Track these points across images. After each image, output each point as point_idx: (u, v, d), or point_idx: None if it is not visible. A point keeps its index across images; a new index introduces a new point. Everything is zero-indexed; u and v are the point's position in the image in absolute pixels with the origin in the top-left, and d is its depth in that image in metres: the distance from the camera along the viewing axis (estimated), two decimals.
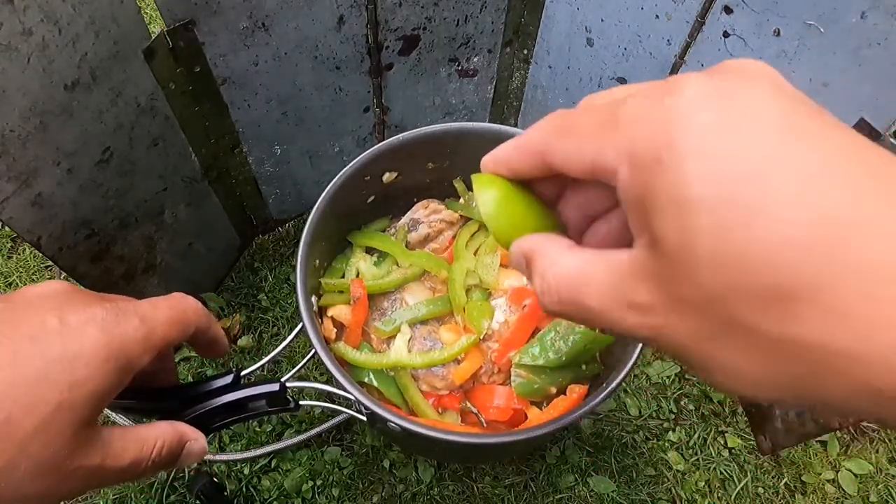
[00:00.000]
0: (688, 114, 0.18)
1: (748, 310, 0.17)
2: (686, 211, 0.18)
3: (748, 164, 0.17)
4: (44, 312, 0.31)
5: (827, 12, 0.60)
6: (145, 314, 0.35)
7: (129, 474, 0.35)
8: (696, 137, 0.18)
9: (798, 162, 0.17)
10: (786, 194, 0.17)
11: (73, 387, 0.30)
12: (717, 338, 0.19)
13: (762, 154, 0.17)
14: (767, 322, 0.17)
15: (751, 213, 0.17)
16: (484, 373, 0.69)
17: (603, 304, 0.21)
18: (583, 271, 0.22)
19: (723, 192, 0.17)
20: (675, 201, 0.18)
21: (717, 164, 0.17)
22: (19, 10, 0.49)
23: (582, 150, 0.21)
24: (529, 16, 0.90)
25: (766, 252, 0.17)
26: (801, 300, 0.16)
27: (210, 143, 0.81)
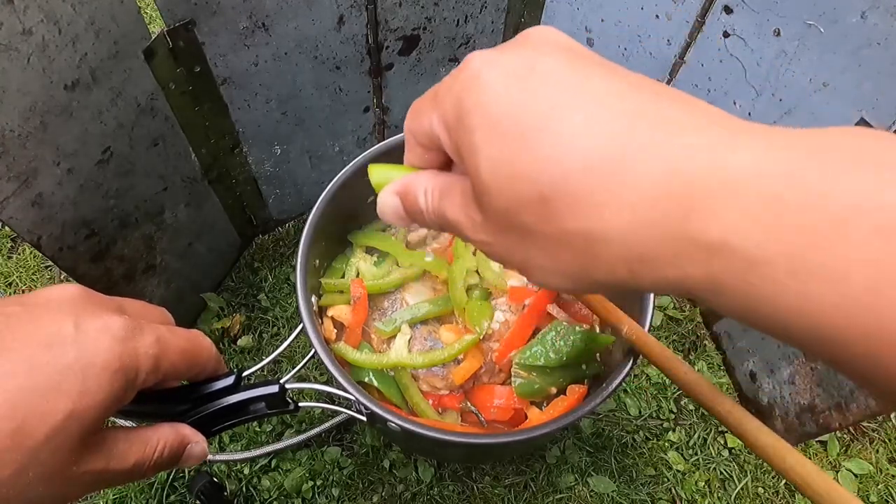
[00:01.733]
0: (470, 79, 0.24)
1: (527, 216, 0.22)
2: (474, 151, 0.23)
3: (512, 108, 0.22)
4: (60, 318, 0.31)
5: (827, 12, 0.60)
6: (162, 336, 0.35)
7: (132, 476, 0.35)
8: (476, 95, 0.23)
9: (547, 103, 0.22)
10: (535, 126, 0.22)
11: (84, 395, 0.30)
12: (520, 243, 0.24)
13: (526, 98, 0.22)
14: (542, 223, 0.22)
15: (516, 142, 0.22)
16: (484, 373, 0.69)
17: (457, 217, 0.26)
18: (445, 187, 0.27)
19: (495, 132, 0.22)
20: (469, 146, 0.23)
21: (490, 112, 0.23)
22: (19, 10, 0.49)
23: (422, 125, 0.27)
24: (529, 16, 0.90)
25: (530, 171, 0.22)
26: (558, 201, 0.21)
27: (210, 143, 0.81)
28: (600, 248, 0.21)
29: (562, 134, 0.21)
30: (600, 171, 0.20)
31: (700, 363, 0.99)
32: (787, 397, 0.83)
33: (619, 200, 0.20)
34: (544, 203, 0.22)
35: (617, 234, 0.21)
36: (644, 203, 0.20)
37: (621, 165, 0.20)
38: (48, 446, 0.29)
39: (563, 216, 0.21)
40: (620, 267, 0.21)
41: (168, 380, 0.37)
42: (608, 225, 0.21)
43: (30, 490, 0.29)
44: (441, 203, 0.27)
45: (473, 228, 0.26)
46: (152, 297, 0.84)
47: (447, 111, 0.25)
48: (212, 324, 0.98)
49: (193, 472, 0.87)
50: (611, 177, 0.20)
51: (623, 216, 0.20)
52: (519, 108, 0.22)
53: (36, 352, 0.30)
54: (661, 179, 0.20)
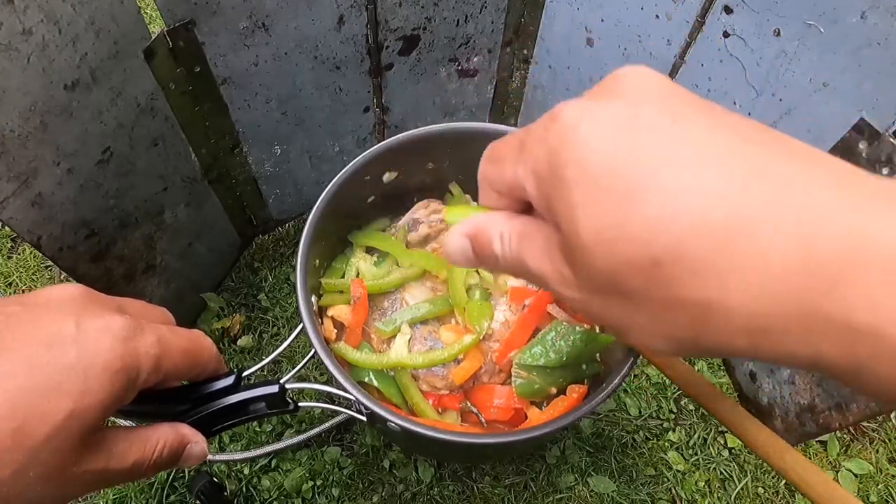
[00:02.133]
0: (566, 130, 0.22)
1: (635, 280, 0.21)
2: (572, 208, 0.22)
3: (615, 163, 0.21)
4: (61, 318, 0.31)
5: (827, 12, 0.60)
6: (163, 336, 0.35)
7: (131, 475, 0.35)
8: (573, 148, 0.22)
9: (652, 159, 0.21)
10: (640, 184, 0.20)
11: (84, 395, 0.30)
12: (620, 305, 0.22)
13: (628, 153, 0.21)
14: (652, 289, 0.21)
15: (621, 202, 0.21)
16: (484, 372, 0.69)
17: (541, 268, 0.25)
18: (525, 234, 0.26)
19: (597, 188, 0.21)
20: (566, 202, 0.22)
21: (590, 167, 0.21)
22: (19, 10, 0.49)
23: (504, 174, 0.26)
24: (529, 16, 0.90)
25: (639, 233, 0.20)
26: (672, 266, 0.20)
27: (210, 143, 0.81)
28: (719, 317, 0.20)
29: (674, 193, 0.20)
30: (721, 236, 0.19)
31: (700, 363, 0.99)
32: (787, 397, 0.83)
33: (745, 270, 0.19)
34: (656, 268, 0.20)
35: (740, 305, 0.19)
36: (774, 274, 0.19)
37: (745, 230, 0.19)
38: (49, 446, 0.29)
39: (678, 283, 0.20)
40: (740, 337, 0.20)
41: (169, 380, 0.37)
42: (731, 296, 0.19)
43: (30, 490, 0.29)
44: (521, 250, 0.26)
45: (563, 283, 0.24)
46: (152, 297, 0.84)
47: (539, 163, 0.23)
48: (212, 324, 0.98)
49: (193, 472, 0.87)
50: (733, 243, 0.19)
51: (749, 287, 0.19)
52: (623, 163, 0.21)
53: (37, 351, 0.30)
54: (793, 249, 0.18)
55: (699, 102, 0.23)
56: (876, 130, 0.60)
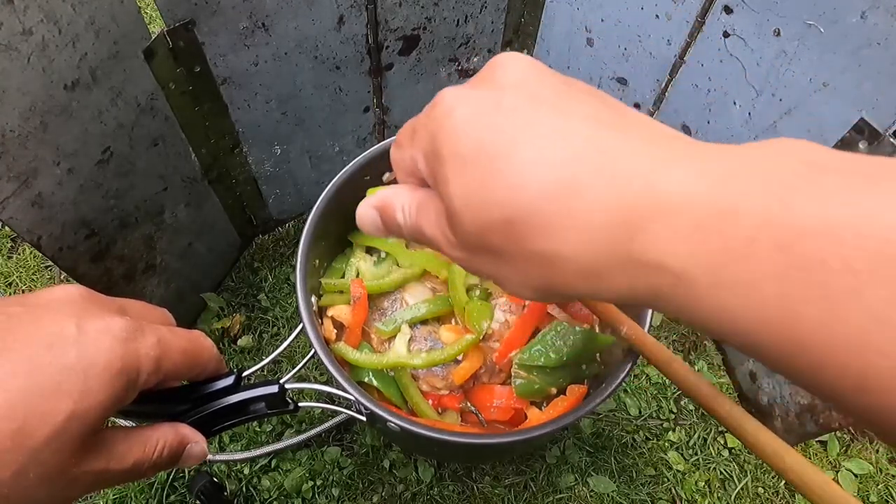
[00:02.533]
0: (443, 116, 0.26)
1: (495, 238, 0.25)
2: (447, 181, 0.25)
3: (478, 142, 0.25)
4: (62, 319, 0.31)
5: (827, 12, 0.60)
6: (163, 337, 0.35)
7: (131, 476, 0.35)
8: (447, 131, 0.26)
9: (508, 136, 0.24)
10: (498, 158, 0.24)
11: (85, 396, 0.30)
12: (490, 261, 0.26)
13: (490, 132, 0.24)
14: (509, 244, 0.25)
15: (483, 173, 0.24)
16: (484, 372, 0.69)
17: (433, 234, 0.28)
18: (421, 204, 0.29)
19: (464, 163, 0.25)
20: (442, 177, 0.26)
21: (459, 146, 0.25)
22: (19, 10, 0.49)
23: (404, 158, 0.30)
24: (529, 16, 0.90)
25: (495, 197, 0.24)
26: (523, 224, 0.24)
27: (210, 143, 0.81)
28: (560, 265, 0.24)
29: (523, 163, 0.24)
30: (556, 196, 0.23)
31: (700, 363, 0.99)
32: (787, 397, 0.83)
33: (574, 224, 0.23)
34: (509, 226, 0.24)
35: (573, 253, 0.23)
36: (595, 226, 0.23)
37: (573, 191, 0.23)
38: (49, 447, 0.29)
39: (527, 238, 0.24)
40: (580, 281, 0.24)
41: (169, 380, 0.37)
42: (566, 246, 0.23)
43: (30, 491, 0.29)
44: (418, 219, 0.29)
45: (448, 245, 0.28)
46: (152, 297, 0.84)
47: (425, 146, 0.27)
48: (212, 324, 0.98)
49: (193, 472, 0.87)
50: (565, 202, 0.23)
51: (579, 238, 0.23)
52: (485, 142, 0.25)
53: (37, 352, 0.30)
54: (607, 204, 0.22)
55: (559, 87, 0.26)
56: (876, 130, 0.60)
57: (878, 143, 0.60)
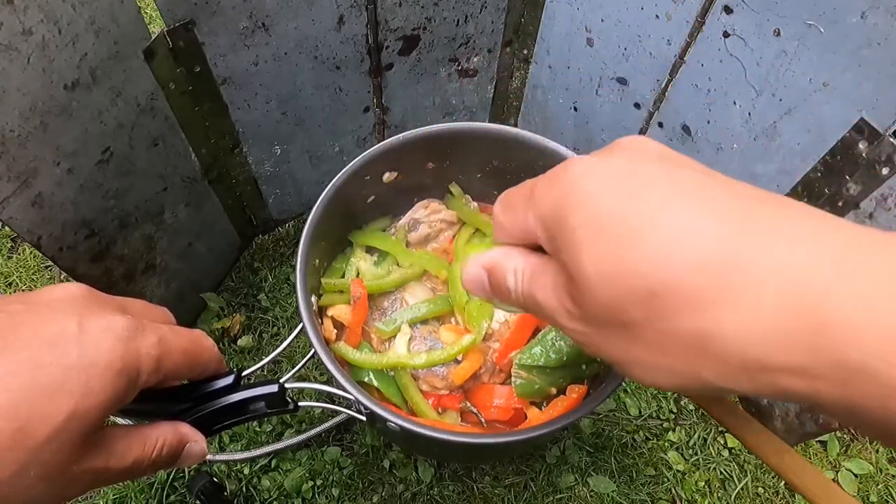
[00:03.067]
0: (572, 182, 0.24)
1: (634, 312, 0.22)
2: (577, 247, 0.24)
3: (616, 207, 0.23)
4: (63, 317, 0.31)
5: (827, 12, 0.60)
6: (164, 336, 0.35)
7: (131, 474, 0.35)
8: (577, 196, 0.24)
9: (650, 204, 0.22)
10: (640, 225, 0.22)
11: (86, 395, 0.30)
12: (621, 339, 0.24)
13: (628, 199, 0.23)
14: (651, 320, 0.22)
15: (621, 240, 0.22)
16: (484, 372, 0.69)
17: (549, 303, 0.27)
18: (536, 270, 0.28)
19: (599, 230, 0.23)
20: (570, 243, 0.24)
21: (593, 210, 0.23)
22: (19, 10, 0.49)
23: (516, 220, 0.28)
24: (529, 16, 0.90)
25: (638, 266, 0.22)
26: (670, 298, 0.21)
27: (210, 143, 0.81)
28: (715, 348, 0.21)
29: (670, 231, 0.21)
30: (716, 270, 0.20)
31: None
32: None
33: (739, 303, 0.20)
34: (654, 299, 0.21)
35: (734, 334, 0.20)
36: (767, 308, 0.20)
37: (737, 266, 0.20)
38: (50, 446, 0.29)
39: (675, 313, 0.21)
40: (738, 372, 0.21)
41: (169, 380, 0.37)
42: (725, 325, 0.20)
43: (31, 489, 0.29)
44: (531, 286, 0.28)
45: (569, 318, 0.26)
46: (152, 297, 0.84)
47: (546, 211, 0.25)
48: (212, 324, 0.98)
49: (193, 471, 0.87)
50: (727, 277, 0.20)
51: (743, 319, 0.20)
52: (623, 206, 0.23)
53: (40, 351, 0.30)
54: (784, 287, 0.19)
55: (694, 163, 0.25)
56: (876, 130, 0.60)
57: (878, 143, 0.60)
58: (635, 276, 0.22)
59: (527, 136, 0.69)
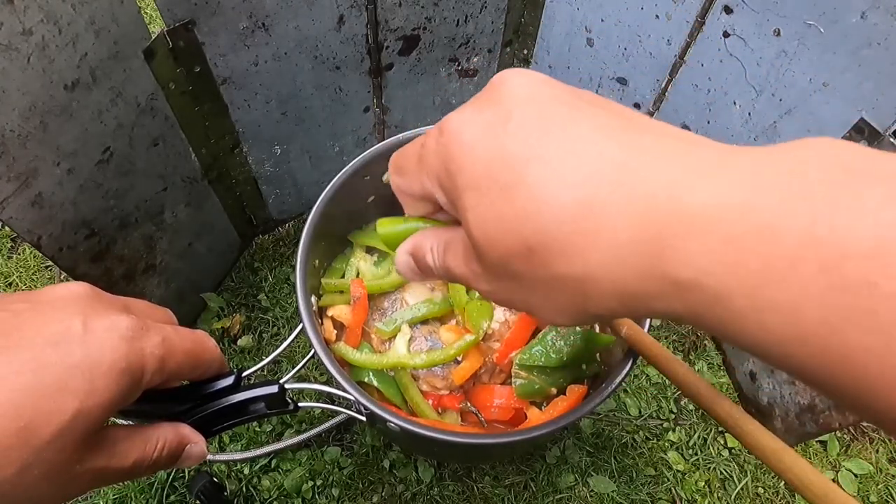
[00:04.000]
0: (452, 142, 0.25)
1: (518, 265, 0.24)
2: (465, 211, 0.25)
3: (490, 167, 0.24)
4: (68, 316, 0.31)
5: (827, 12, 0.60)
6: (168, 336, 0.35)
7: (131, 474, 0.35)
8: (459, 158, 0.25)
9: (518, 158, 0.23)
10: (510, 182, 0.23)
11: (90, 395, 0.30)
12: (518, 289, 0.25)
13: (500, 155, 0.24)
14: (533, 271, 0.24)
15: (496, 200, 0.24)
16: (484, 373, 0.69)
17: (461, 271, 0.28)
18: (448, 242, 0.29)
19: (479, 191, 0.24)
20: (461, 207, 0.25)
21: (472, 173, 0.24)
22: (19, 10, 0.49)
23: (412, 184, 0.29)
24: (529, 16, 0.90)
25: (512, 225, 0.23)
26: (544, 251, 0.23)
27: (210, 143, 0.81)
28: (590, 287, 0.23)
29: (536, 186, 0.23)
30: (575, 217, 0.22)
31: (700, 363, 0.99)
32: (787, 397, 0.83)
33: (597, 244, 0.22)
34: (531, 253, 0.23)
35: (603, 274, 0.22)
36: (620, 244, 0.21)
37: (593, 210, 0.22)
38: (53, 445, 0.29)
39: (550, 263, 0.23)
40: (614, 302, 0.23)
41: (171, 380, 0.37)
42: (593, 268, 0.22)
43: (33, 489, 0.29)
44: (445, 258, 0.29)
45: (476, 279, 0.27)
46: (152, 297, 0.84)
47: (439, 173, 0.27)
48: (212, 324, 0.98)
49: (193, 472, 0.87)
50: (585, 222, 0.22)
51: (605, 259, 0.22)
52: (495, 167, 0.24)
53: (44, 350, 0.30)
54: (630, 221, 0.21)
55: (566, 98, 0.25)
56: (876, 130, 0.60)
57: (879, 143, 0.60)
58: (511, 234, 0.23)
59: None
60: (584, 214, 0.22)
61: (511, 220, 0.23)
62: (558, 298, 0.24)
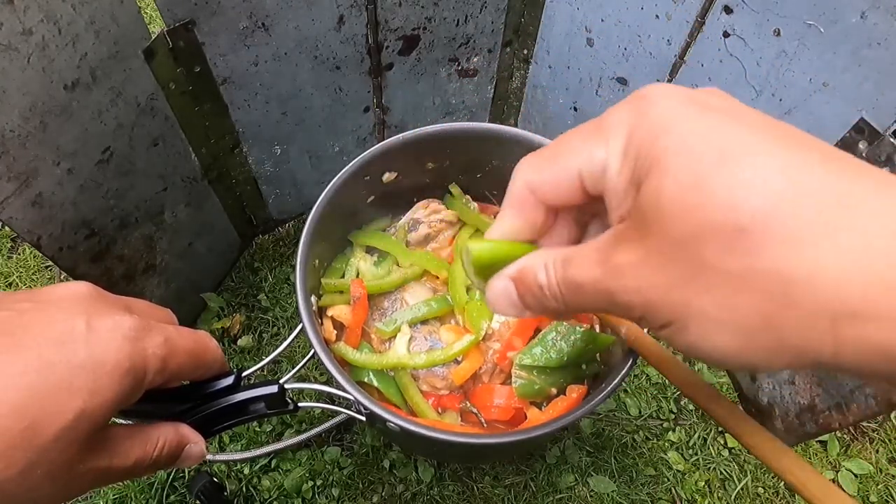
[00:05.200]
0: (662, 105, 0.22)
1: (713, 249, 0.20)
2: (661, 174, 0.21)
3: (710, 132, 0.21)
4: (71, 316, 0.31)
5: (827, 12, 0.60)
6: (170, 336, 0.35)
7: (132, 474, 0.35)
8: (670, 117, 0.22)
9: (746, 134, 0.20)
10: (734, 151, 0.20)
11: (94, 395, 0.30)
12: (684, 283, 0.21)
13: (723, 127, 0.21)
14: (728, 257, 0.19)
15: (711, 166, 0.20)
16: (484, 372, 0.69)
17: (590, 274, 0.24)
18: (569, 255, 0.25)
19: (690, 155, 0.20)
20: (654, 169, 0.21)
21: (686, 134, 0.21)
22: (19, 10, 0.49)
23: (565, 170, 0.25)
24: (529, 16, 0.90)
25: (727, 196, 0.19)
26: (759, 234, 0.19)
27: (210, 143, 0.81)
28: (803, 292, 0.19)
29: (768, 162, 0.19)
30: (817, 205, 0.18)
31: (700, 363, 0.99)
32: (787, 397, 0.83)
33: (841, 240, 0.18)
34: (740, 234, 0.19)
35: (830, 276, 0.18)
36: (871, 247, 0.18)
37: (844, 204, 0.18)
38: (57, 444, 0.29)
39: (761, 251, 0.19)
40: (822, 320, 0.19)
41: (173, 380, 0.37)
42: (821, 265, 0.18)
43: (36, 487, 0.29)
44: (568, 271, 0.25)
45: (616, 275, 0.23)
46: (152, 297, 0.84)
47: (633, 133, 0.23)
48: (212, 324, 0.98)
49: (193, 472, 0.87)
50: (831, 214, 0.18)
51: (843, 258, 0.18)
52: (713, 134, 0.21)
53: (48, 350, 0.30)
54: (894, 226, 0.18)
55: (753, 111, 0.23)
56: (876, 130, 0.60)
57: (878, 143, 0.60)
58: (723, 207, 0.19)
59: (527, 135, 0.69)
60: (831, 204, 0.18)
61: (725, 190, 0.19)
62: (741, 305, 0.20)
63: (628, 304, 0.23)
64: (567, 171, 0.25)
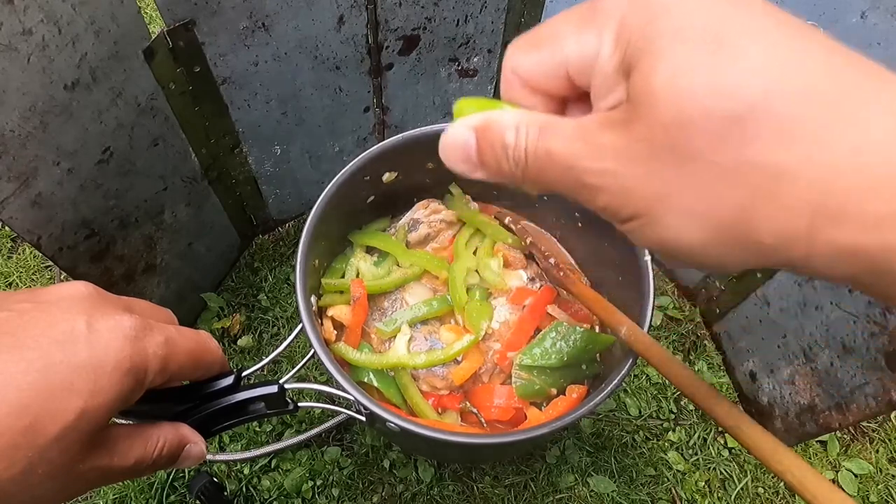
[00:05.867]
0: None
1: (702, 136, 0.19)
2: (655, 56, 0.20)
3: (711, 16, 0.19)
4: (73, 316, 0.31)
5: (827, 12, 0.60)
6: (170, 337, 0.35)
7: (132, 473, 0.35)
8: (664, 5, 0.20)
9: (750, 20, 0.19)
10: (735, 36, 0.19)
11: (94, 395, 0.30)
12: (665, 172, 0.20)
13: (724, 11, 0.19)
14: (718, 148, 0.19)
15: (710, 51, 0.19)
16: (484, 372, 0.69)
17: (568, 149, 0.22)
18: (549, 122, 0.23)
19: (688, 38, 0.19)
20: (648, 51, 0.20)
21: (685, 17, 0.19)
22: (19, 10, 0.49)
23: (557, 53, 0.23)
24: (529, 16, 0.90)
25: (726, 83, 0.18)
26: (754, 124, 0.18)
27: (210, 143, 0.81)
28: (789, 188, 0.18)
29: (771, 52, 0.18)
30: (822, 100, 0.18)
31: (700, 363, 0.99)
32: (787, 397, 0.83)
33: (840, 136, 0.17)
34: (733, 123, 0.18)
35: (819, 173, 0.18)
36: (873, 145, 0.17)
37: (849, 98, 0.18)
38: (58, 444, 0.29)
39: (754, 143, 0.18)
40: (800, 217, 0.18)
41: (174, 380, 0.37)
42: (812, 161, 0.18)
43: (36, 487, 0.29)
44: (543, 137, 0.23)
45: (597, 155, 0.21)
46: (152, 297, 0.84)
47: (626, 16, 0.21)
48: (212, 324, 0.98)
49: (193, 472, 0.87)
50: (834, 108, 0.18)
51: (839, 154, 0.17)
52: (716, 21, 0.19)
53: (50, 350, 0.30)
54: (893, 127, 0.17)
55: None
56: None
57: None
58: (720, 95, 0.18)
59: None
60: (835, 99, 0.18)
61: (724, 78, 0.18)
62: (721, 196, 0.19)
63: (597, 187, 0.21)
64: (553, 58, 0.24)
